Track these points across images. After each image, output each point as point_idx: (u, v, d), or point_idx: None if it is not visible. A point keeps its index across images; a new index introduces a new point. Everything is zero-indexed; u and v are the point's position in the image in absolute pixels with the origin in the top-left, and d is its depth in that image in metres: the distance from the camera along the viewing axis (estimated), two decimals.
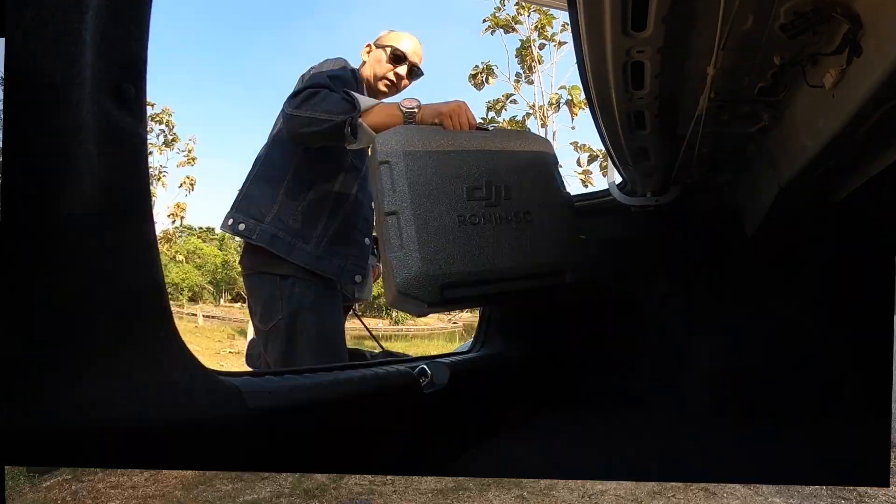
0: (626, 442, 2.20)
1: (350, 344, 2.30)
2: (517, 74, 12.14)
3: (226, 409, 1.23)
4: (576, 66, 1.70)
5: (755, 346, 2.44)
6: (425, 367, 1.96)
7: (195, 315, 19.25)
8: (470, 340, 2.73)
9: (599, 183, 11.31)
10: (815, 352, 2.33)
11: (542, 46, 11.87)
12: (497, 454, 2.16)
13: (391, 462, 1.88)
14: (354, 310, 2.53)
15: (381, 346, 2.91)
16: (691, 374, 2.50)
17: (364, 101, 1.98)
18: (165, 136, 15.73)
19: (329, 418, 1.55)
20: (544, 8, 10.80)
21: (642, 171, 2.40)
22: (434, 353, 2.78)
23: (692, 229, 2.63)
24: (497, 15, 11.64)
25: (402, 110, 1.97)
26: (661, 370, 2.58)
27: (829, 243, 2.27)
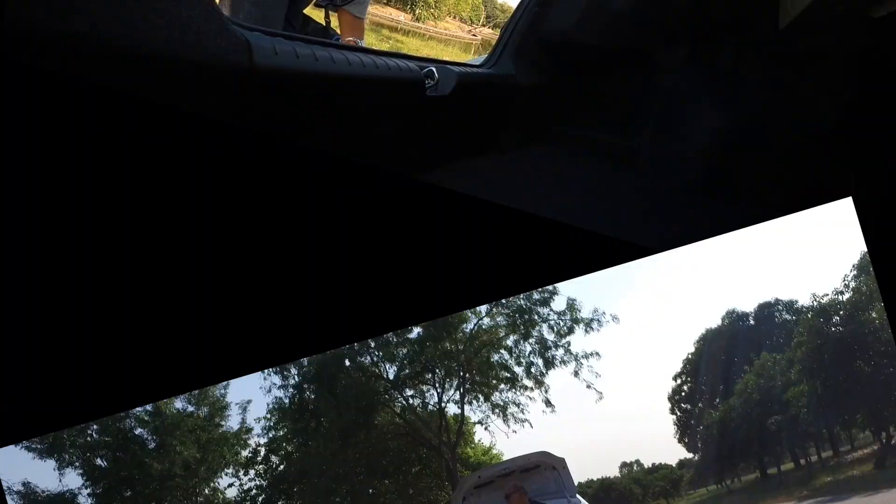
0: (607, 193, 2.30)
1: (367, 28, 2.29)
2: None
3: (232, 59, 1.26)
4: None
5: (757, 129, 2.44)
6: (433, 69, 1.95)
7: None
8: (484, 56, 2.67)
9: None
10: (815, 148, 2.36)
11: None
12: (479, 173, 2.26)
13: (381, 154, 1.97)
14: None
15: None
16: (689, 143, 2.53)
17: None
18: None
19: (330, 93, 1.60)
20: None
21: None
22: (447, 58, 2.74)
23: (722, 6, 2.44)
24: None
25: None
26: (662, 134, 2.60)
27: (854, 55, 2.18)
